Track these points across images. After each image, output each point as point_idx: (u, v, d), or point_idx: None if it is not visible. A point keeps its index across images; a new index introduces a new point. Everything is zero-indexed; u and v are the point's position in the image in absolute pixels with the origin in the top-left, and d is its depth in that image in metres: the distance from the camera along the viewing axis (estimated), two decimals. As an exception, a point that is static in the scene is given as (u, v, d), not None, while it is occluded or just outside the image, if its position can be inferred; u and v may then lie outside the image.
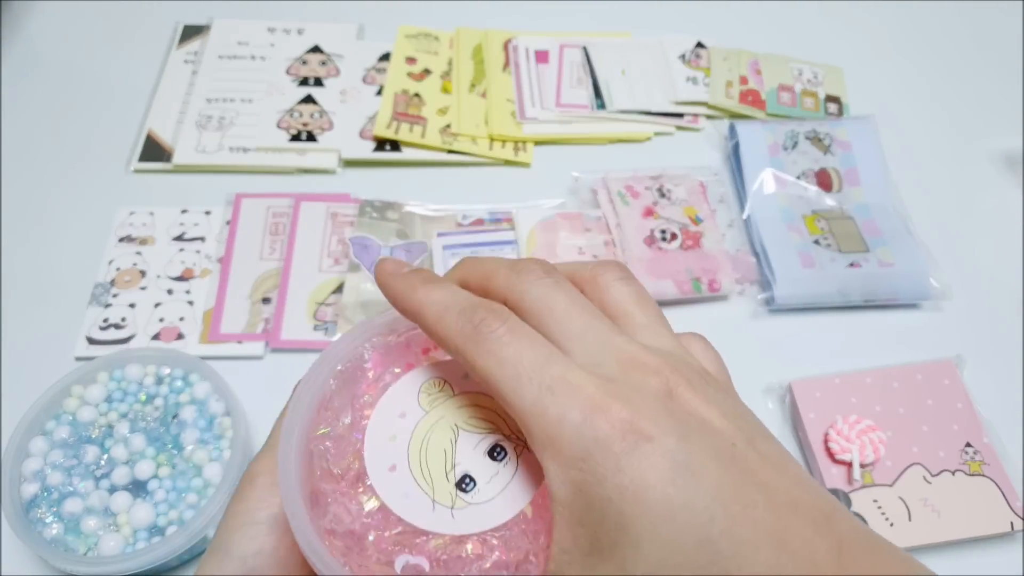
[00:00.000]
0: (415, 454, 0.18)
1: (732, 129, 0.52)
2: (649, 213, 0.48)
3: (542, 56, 0.56)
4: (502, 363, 0.16)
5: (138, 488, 0.35)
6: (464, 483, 0.18)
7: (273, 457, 0.19)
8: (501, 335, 0.17)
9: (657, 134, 0.53)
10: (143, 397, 0.37)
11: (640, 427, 0.15)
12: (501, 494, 0.18)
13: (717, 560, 0.14)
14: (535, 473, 0.18)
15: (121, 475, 0.35)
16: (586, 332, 0.17)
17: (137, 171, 0.50)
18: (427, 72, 0.55)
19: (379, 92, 0.54)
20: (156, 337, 0.42)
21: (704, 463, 0.15)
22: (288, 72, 0.55)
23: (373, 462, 0.18)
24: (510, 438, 0.19)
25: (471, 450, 0.18)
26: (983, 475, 0.38)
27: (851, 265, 0.45)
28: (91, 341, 0.42)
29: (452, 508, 0.18)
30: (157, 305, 0.44)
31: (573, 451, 0.15)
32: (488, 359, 0.16)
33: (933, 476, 0.38)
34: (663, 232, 0.47)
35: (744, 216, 0.49)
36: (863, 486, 0.38)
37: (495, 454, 0.18)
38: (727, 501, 0.15)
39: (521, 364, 0.16)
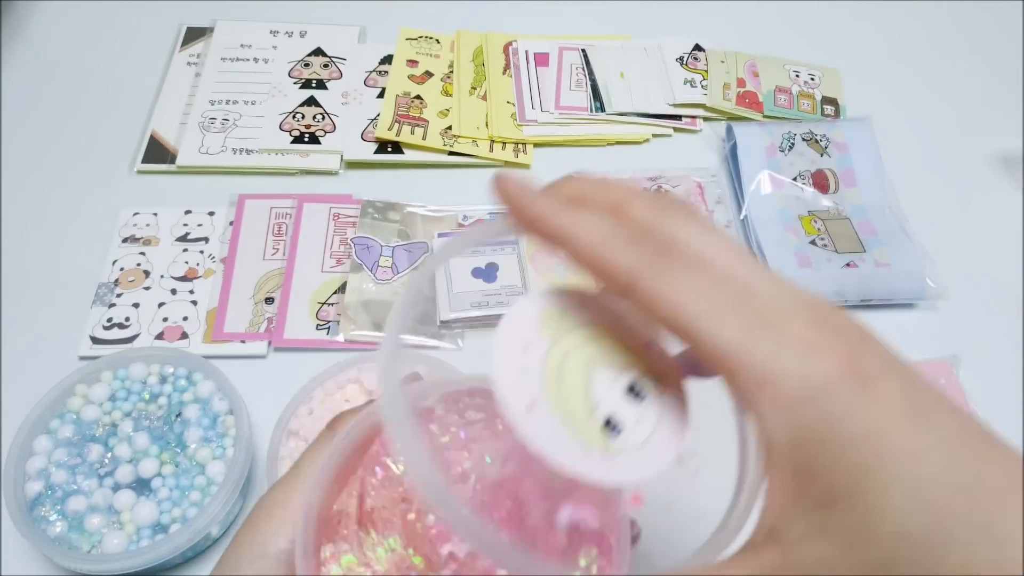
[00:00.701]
0: (552, 390, 0.16)
1: (729, 131, 0.52)
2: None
3: (542, 59, 0.56)
4: (696, 297, 0.14)
5: (142, 486, 0.35)
6: (611, 425, 0.16)
7: (293, 488, 0.18)
8: (688, 263, 0.15)
9: (655, 136, 0.54)
10: (147, 396, 0.37)
11: (863, 368, 0.14)
12: (652, 438, 0.16)
13: (977, 508, 0.13)
14: (680, 415, 0.16)
15: (125, 473, 0.35)
16: (758, 276, 0.15)
17: (141, 172, 0.50)
18: (428, 75, 0.55)
19: (381, 94, 0.54)
20: (160, 337, 0.43)
21: (933, 404, 0.14)
22: (290, 74, 0.55)
23: (511, 399, 0.15)
24: (647, 375, 0.17)
25: (608, 388, 0.16)
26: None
27: (847, 265, 0.46)
28: (95, 340, 0.42)
29: (604, 454, 0.15)
30: (161, 305, 0.44)
31: (795, 392, 0.13)
32: (677, 291, 0.14)
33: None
34: (662, 233, 0.47)
35: (741, 217, 0.49)
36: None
37: (635, 392, 0.16)
38: (970, 443, 0.13)
39: (717, 298, 0.14)
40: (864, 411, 0.13)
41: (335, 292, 0.45)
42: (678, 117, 0.54)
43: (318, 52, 0.56)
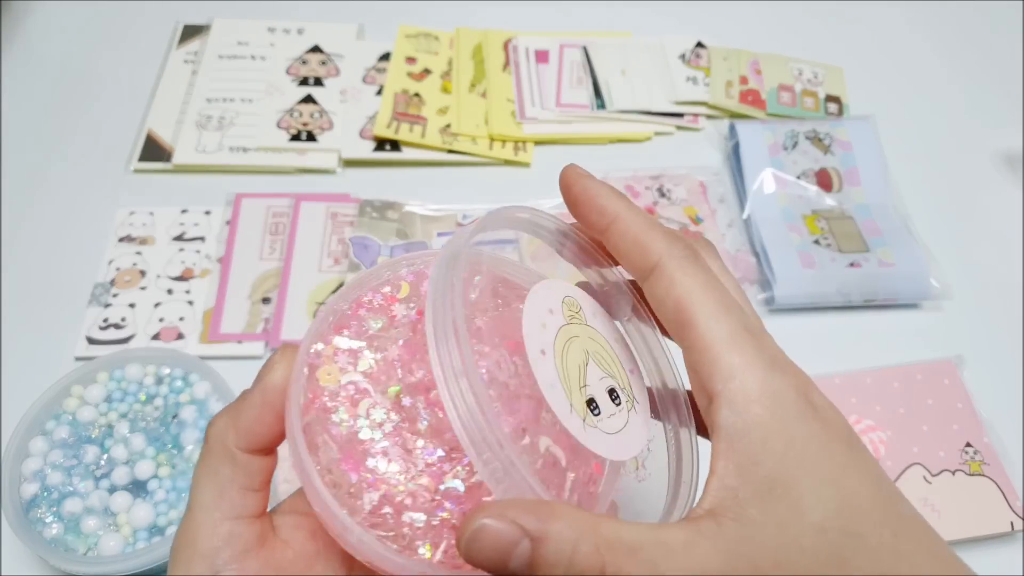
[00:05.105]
0: (559, 353, 0.19)
1: (732, 129, 0.52)
2: (649, 213, 0.48)
3: (542, 56, 0.56)
4: (709, 289, 0.17)
5: (138, 488, 0.35)
6: (592, 406, 0.18)
7: (191, 527, 0.18)
8: (707, 268, 0.18)
9: (657, 134, 0.53)
10: (143, 397, 0.37)
11: (812, 395, 0.17)
12: (619, 433, 0.19)
13: (888, 525, 0.16)
14: (641, 432, 0.19)
15: (121, 475, 0.35)
16: (750, 307, 0.19)
17: (137, 171, 0.50)
18: (427, 72, 0.55)
19: (379, 92, 0.54)
20: (156, 337, 0.42)
21: (863, 445, 0.17)
22: (288, 72, 0.55)
23: (530, 338, 0.18)
24: (624, 391, 0.20)
25: (596, 380, 0.19)
26: (983, 475, 0.38)
27: (851, 265, 0.45)
28: (91, 341, 0.42)
29: (584, 421, 0.18)
30: (157, 305, 0.44)
31: (759, 390, 0.16)
32: (696, 280, 0.17)
33: (933, 476, 0.38)
34: (663, 232, 0.47)
35: (744, 216, 0.49)
36: (863, 486, 0.38)
37: (613, 397, 0.19)
38: (888, 480, 0.17)
39: (725, 297, 0.17)
40: (811, 424, 0.16)
41: (333, 292, 0.44)
42: (680, 115, 0.54)
43: (316, 49, 0.56)
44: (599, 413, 0.18)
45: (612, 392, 0.19)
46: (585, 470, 0.18)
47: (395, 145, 0.51)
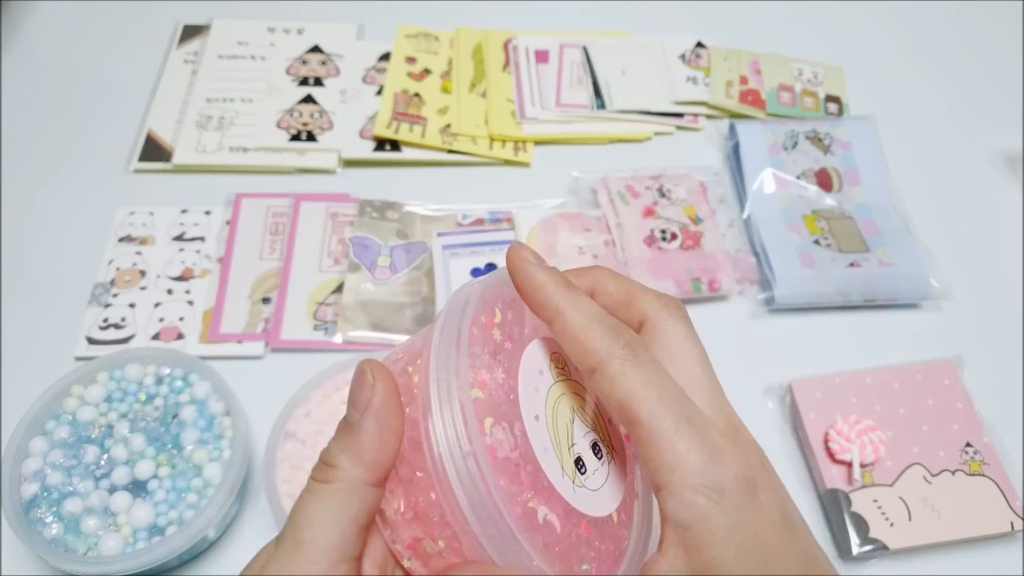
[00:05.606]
0: (550, 416, 0.19)
1: (732, 129, 0.52)
2: (649, 213, 0.48)
3: (542, 56, 0.56)
4: (649, 386, 0.18)
5: (138, 488, 0.35)
6: (579, 464, 0.19)
7: (296, 559, 0.17)
8: (647, 361, 0.18)
9: (657, 134, 0.53)
10: (143, 397, 0.37)
11: (754, 478, 0.18)
12: (603, 488, 0.19)
13: None
14: (620, 484, 0.20)
15: (121, 475, 0.35)
16: (710, 388, 0.20)
17: (137, 171, 0.50)
18: (427, 72, 0.55)
19: (379, 92, 0.54)
20: (156, 337, 0.42)
21: (797, 522, 0.18)
22: (288, 72, 0.55)
23: (525, 405, 0.18)
24: (605, 443, 0.20)
25: (581, 437, 0.19)
26: (983, 475, 0.38)
27: (851, 265, 0.45)
28: (91, 341, 0.42)
29: (573, 482, 0.18)
30: (157, 305, 0.44)
31: (700, 482, 0.17)
32: (635, 379, 0.18)
33: (933, 476, 0.38)
34: (663, 232, 0.47)
35: (744, 216, 0.49)
36: (863, 486, 0.38)
37: (596, 451, 0.20)
38: (818, 560, 0.18)
39: (667, 390, 0.18)
40: (748, 511, 0.17)
41: (333, 292, 0.44)
42: (680, 115, 0.54)
43: (316, 49, 0.56)
44: (585, 471, 0.19)
45: (595, 446, 0.20)
46: (576, 532, 0.18)
47: (395, 145, 0.51)
